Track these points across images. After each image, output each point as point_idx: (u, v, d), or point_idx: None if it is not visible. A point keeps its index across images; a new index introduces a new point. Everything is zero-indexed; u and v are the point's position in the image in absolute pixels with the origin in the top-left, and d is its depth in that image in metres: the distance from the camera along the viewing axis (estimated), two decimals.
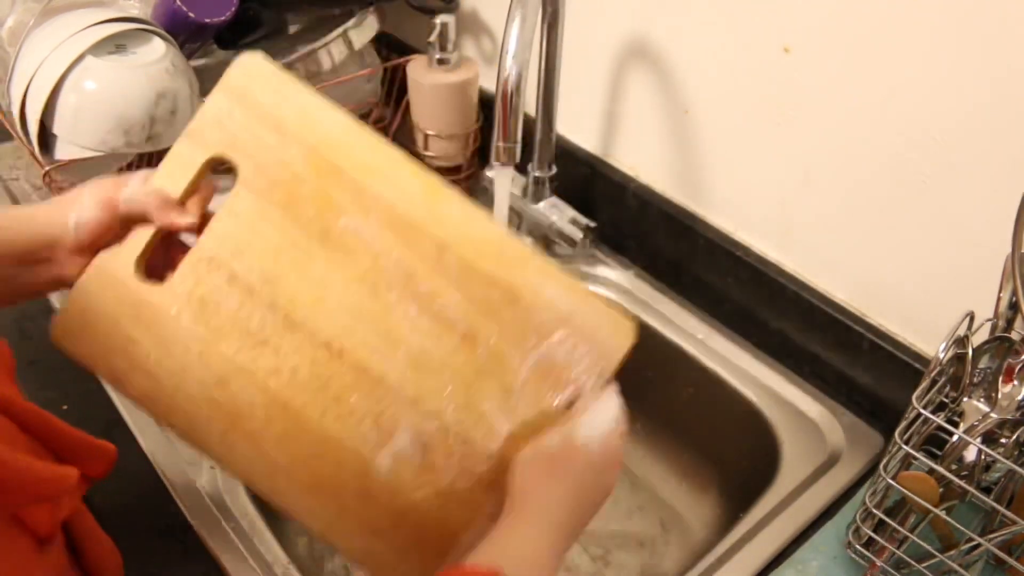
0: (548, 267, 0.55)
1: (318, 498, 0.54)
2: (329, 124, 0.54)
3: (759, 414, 0.78)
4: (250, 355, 0.53)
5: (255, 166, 0.54)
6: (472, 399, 0.53)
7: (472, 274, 0.53)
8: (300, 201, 0.53)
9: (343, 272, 0.53)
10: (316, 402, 0.53)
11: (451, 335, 0.53)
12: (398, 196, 0.53)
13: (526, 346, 0.53)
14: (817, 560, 0.64)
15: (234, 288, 0.53)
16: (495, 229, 0.54)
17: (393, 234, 0.53)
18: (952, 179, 0.63)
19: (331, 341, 0.53)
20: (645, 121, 0.86)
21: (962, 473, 0.57)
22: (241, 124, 0.54)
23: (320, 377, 0.53)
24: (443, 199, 0.54)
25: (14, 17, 0.88)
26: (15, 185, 1.00)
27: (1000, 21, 0.56)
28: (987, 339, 0.58)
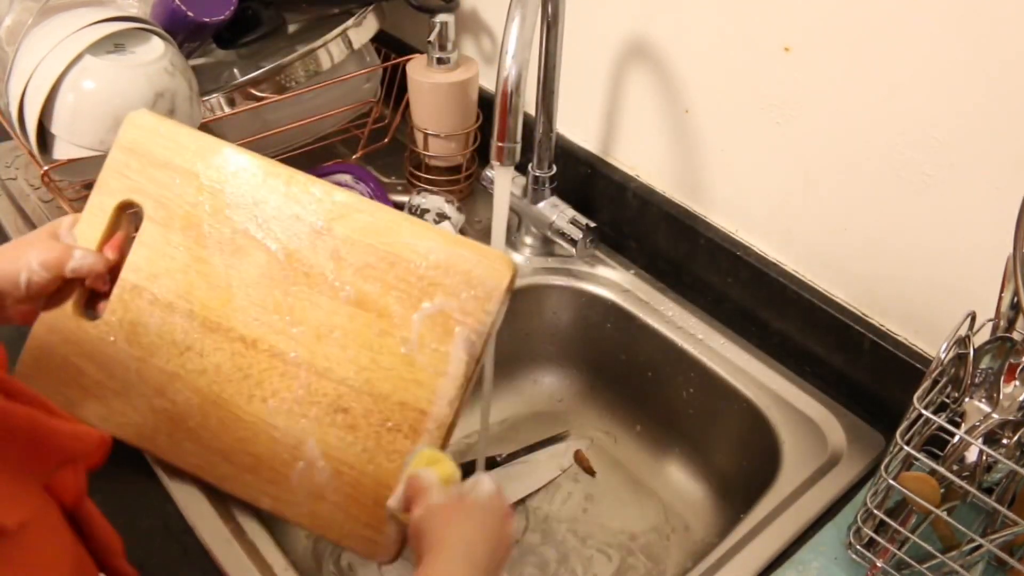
0: (420, 226, 0.60)
1: (259, 476, 0.60)
2: (209, 151, 0.63)
3: (759, 414, 0.78)
4: (179, 362, 0.61)
5: (155, 202, 0.63)
6: (376, 358, 0.59)
7: (353, 248, 0.60)
8: (198, 222, 0.62)
9: (243, 272, 0.61)
10: (241, 390, 0.61)
11: (345, 306, 0.60)
12: (277, 197, 0.61)
13: (414, 300, 0.59)
14: (818, 561, 0.64)
15: (156, 307, 0.62)
16: (366, 204, 0.61)
17: (281, 230, 0.61)
18: (953, 179, 0.63)
19: (244, 334, 0.61)
20: (645, 121, 0.86)
21: (963, 474, 0.57)
22: (137, 171, 0.64)
23: (241, 368, 0.61)
24: (314, 190, 0.61)
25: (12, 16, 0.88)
26: (13, 185, 1.00)
27: (1000, 21, 0.56)
28: (988, 339, 0.58)
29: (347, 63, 0.99)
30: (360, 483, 0.59)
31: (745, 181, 0.79)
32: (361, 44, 0.98)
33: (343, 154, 1.08)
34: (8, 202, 0.98)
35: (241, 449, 0.61)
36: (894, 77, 0.63)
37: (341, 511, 0.60)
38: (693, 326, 0.85)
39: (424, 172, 1.01)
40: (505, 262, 0.59)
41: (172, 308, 0.62)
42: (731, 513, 0.83)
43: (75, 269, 0.62)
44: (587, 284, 0.92)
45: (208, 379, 0.61)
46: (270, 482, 0.60)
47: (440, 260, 0.59)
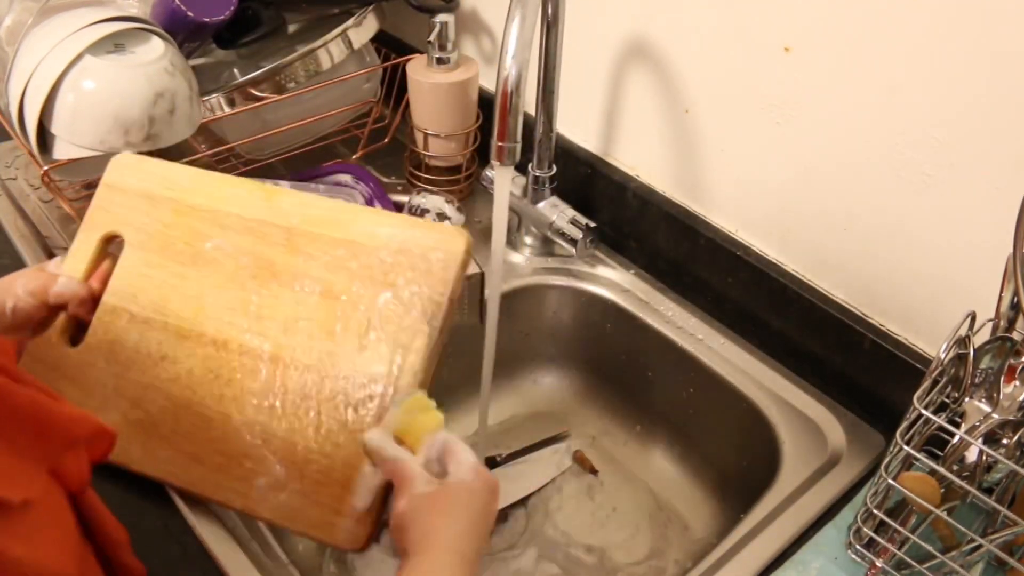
0: (378, 215, 0.64)
1: (229, 474, 0.61)
2: (183, 177, 0.68)
3: (759, 414, 0.78)
4: (154, 372, 0.64)
5: (135, 229, 0.68)
6: (341, 342, 0.61)
7: (317, 243, 0.63)
8: (172, 241, 0.66)
9: (214, 280, 0.65)
10: (212, 391, 0.63)
11: (311, 297, 0.63)
12: (243, 208, 0.66)
13: (377, 284, 0.62)
14: (818, 561, 0.64)
15: (133, 324, 0.65)
16: (326, 203, 0.65)
17: (249, 237, 0.65)
18: (953, 178, 0.63)
19: (215, 337, 0.64)
20: (645, 121, 0.86)
21: (963, 474, 0.57)
22: (120, 204, 0.68)
23: (212, 370, 0.63)
24: (279, 197, 0.66)
25: (12, 16, 0.88)
26: (13, 185, 1.00)
27: (1000, 21, 0.56)
28: (988, 339, 0.58)
29: (347, 63, 0.99)
30: (330, 469, 0.60)
31: (745, 181, 0.79)
32: (361, 44, 0.98)
33: (343, 154, 1.08)
34: (8, 202, 0.98)
35: (213, 449, 0.62)
36: (894, 77, 0.63)
37: (311, 500, 0.60)
38: (693, 326, 0.85)
39: (424, 172, 1.01)
40: (460, 234, 0.62)
41: (149, 323, 0.65)
42: (731, 513, 0.83)
43: (58, 294, 0.64)
44: (587, 284, 0.92)
45: (181, 384, 0.63)
46: (240, 479, 0.61)
47: (401, 244, 0.62)
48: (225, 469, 0.62)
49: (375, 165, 1.07)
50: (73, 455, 0.48)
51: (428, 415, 0.57)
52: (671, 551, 0.83)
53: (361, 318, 0.62)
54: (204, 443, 0.62)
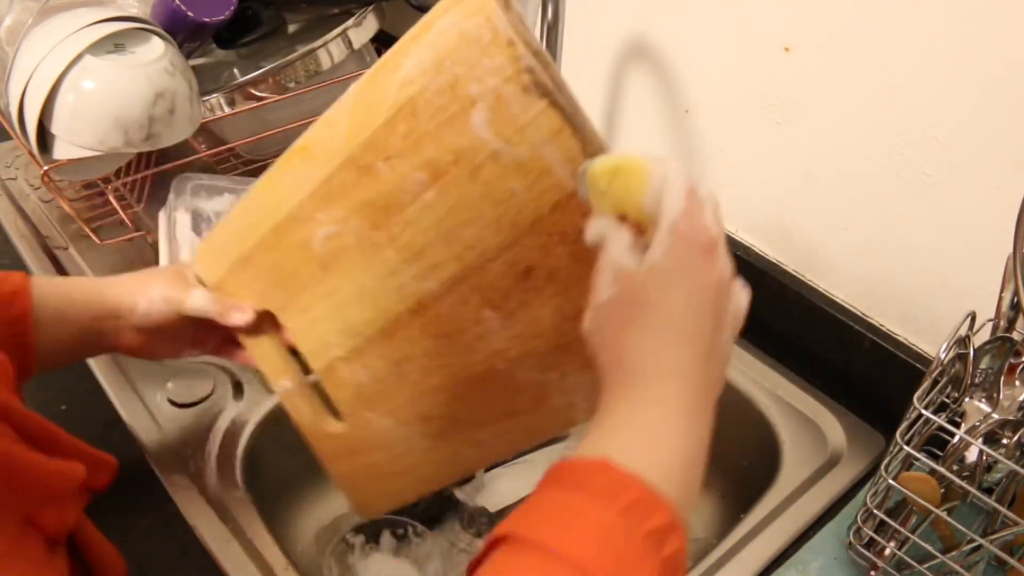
0: (391, 59, 0.53)
1: (542, 406, 0.54)
2: (242, 227, 0.59)
3: (760, 414, 0.78)
4: (409, 384, 0.55)
5: (260, 294, 0.59)
6: (499, 199, 0.48)
7: (378, 141, 0.51)
8: (294, 272, 0.56)
9: (352, 265, 0.54)
10: (461, 354, 0.53)
11: (428, 192, 0.49)
12: (300, 186, 0.55)
13: (463, 118, 0.47)
14: (818, 561, 0.64)
15: (350, 364, 0.56)
16: (344, 105, 0.55)
17: (334, 204, 0.53)
18: (953, 179, 0.63)
19: (409, 308, 0.53)
20: (645, 121, 0.86)
21: (963, 474, 0.57)
22: (234, 289, 0.60)
23: (440, 336, 0.53)
24: (302, 156, 0.56)
25: (12, 16, 0.88)
26: (13, 185, 1.00)
27: (1001, 21, 0.56)
28: (988, 339, 0.58)
29: (347, 63, 0.99)
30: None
31: (745, 181, 0.79)
32: (361, 44, 0.98)
33: None
34: (8, 202, 0.98)
35: (499, 400, 0.54)
36: (894, 77, 0.63)
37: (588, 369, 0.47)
38: None
39: None
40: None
41: (358, 352, 0.55)
42: (731, 513, 0.83)
43: (193, 309, 0.59)
44: None
45: (435, 371, 0.54)
46: (544, 400, 0.53)
47: (432, 61, 0.49)
48: (531, 405, 0.53)
49: None
50: (55, 506, 0.46)
51: (627, 169, 0.41)
52: None
53: (488, 160, 0.47)
54: (500, 399, 0.54)
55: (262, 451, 0.74)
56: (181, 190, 0.84)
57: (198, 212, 0.83)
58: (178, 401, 0.74)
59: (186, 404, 0.74)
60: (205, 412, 0.74)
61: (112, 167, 0.93)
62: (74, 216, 0.89)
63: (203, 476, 0.68)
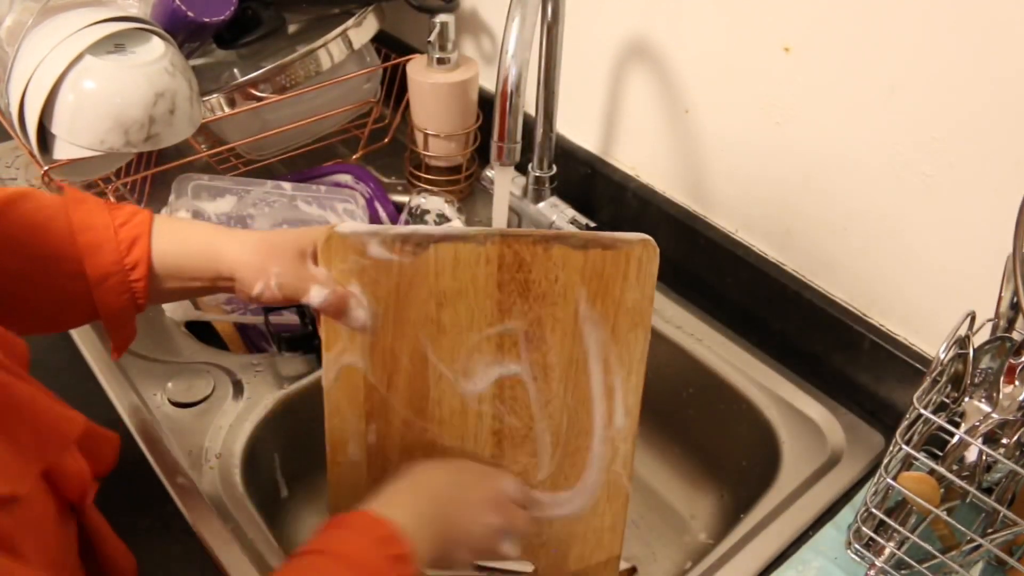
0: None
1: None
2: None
3: (759, 414, 0.78)
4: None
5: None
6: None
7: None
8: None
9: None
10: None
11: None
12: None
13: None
14: (818, 561, 0.64)
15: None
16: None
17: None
18: (952, 179, 0.63)
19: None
20: (645, 121, 0.86)
21: (963, 473, 0.57)
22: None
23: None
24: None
25: (13, 16, 0.88)
26: (13, 185, 1.00)
27: (1001, 20, 0.56)
28: (988, 339, 0.58)
29: (347, 63, 0.99)
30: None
31: (745, 181, 0.79)
32: (361, 44, 0.98)
33: (343, 154, 1.08)
34: None
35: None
36: (893, 77, 0.63)
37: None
38: (693, 326, 0.85)
39: (424, 172, 1.01)
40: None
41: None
42: (731, 513, 0.83)
43: (313, 303, 0.58)
44: None
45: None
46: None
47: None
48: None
49: (375, 165, 1.07)
50: (71, 458, 0.47)
51: None
52: (671, 551, 0.83)
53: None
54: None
55: (262, 451, 0.74)
56: (182, 191, 0.84)
57: (199, 213, 0.83)
58: (178, 401, 0.74)
59: (186, 404, 0.74)
60: (205, 412, 0.74)
61: (112, 167, 0.93)
62: None
63: (203, 476, 0.68)
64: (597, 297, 0.58)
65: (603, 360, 0.60)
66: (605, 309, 0.59)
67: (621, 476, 0.64)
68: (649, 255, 0.58)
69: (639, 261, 0.58)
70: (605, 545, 0.67)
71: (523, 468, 0.64)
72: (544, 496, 0.65)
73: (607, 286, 0.58)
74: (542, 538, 0.66)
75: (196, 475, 0.68)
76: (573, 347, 0.60)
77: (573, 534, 0.66)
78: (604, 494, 0.65)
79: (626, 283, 0.58)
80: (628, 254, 0.57)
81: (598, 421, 0.62)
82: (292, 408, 0.76)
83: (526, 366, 0.61)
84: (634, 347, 0.60)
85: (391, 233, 0.57)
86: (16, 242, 0.53)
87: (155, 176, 0.95)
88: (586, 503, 0.65)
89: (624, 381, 0.61)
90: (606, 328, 0.59)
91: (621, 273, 0.58)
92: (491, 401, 0.61)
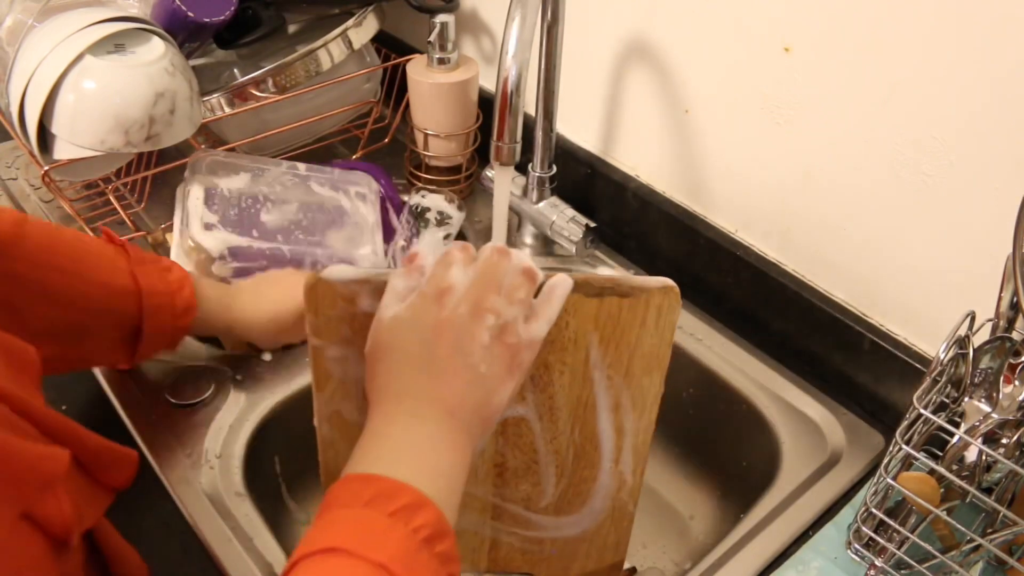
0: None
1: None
2: None
3: (759, 414, 0.78)
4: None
5: None
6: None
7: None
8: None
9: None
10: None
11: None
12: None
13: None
14: (818, 561, 0.64)
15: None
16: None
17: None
18: (952, 178, 0.63)
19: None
20: (645, 121, 0.86)
21: (963, 473, 0.57)
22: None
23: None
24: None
25: (13, 16, 0.88)
26: (13, 185, 1.00)
27: (1001, 20, 0.56)
28: (988, 339, 0.58)
29: (347, 63, 0.99)
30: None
31: (745, 181, 0.79)
32: (361, 44, 0.98)
33: (343, 154, 1.08)
34: (8, 202, 0.98)
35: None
36: (894, 77, 0.63)
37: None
38: (693, 326, 0.85)
39: (424, 172, 1.01)
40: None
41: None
42: (731, 513, 0.83)
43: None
44: None
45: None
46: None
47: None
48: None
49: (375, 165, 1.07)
50: (52, 498, 0.44)
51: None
52: (670, 551, 0.83)
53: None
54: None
55: (262, 451, 0.74)
56: (197, 168, 0.83)
57: (212, 186, 0.81)
58: (178, 401, 0.74)
59: (186, 404, 0.74)
60: (205, 412, 0.74)
61: (112, 167, 0.93)
62: (75, 216, 0.90)
63: (203, 476, 0.68)
64: (611, 343, 0.53)
65: (614, 402, 0.57)
66: (619, 354, 0.54)
67: (627, 504, 0.62)
68: (671, 303, 0.52)
69: (659, 309, 0.52)
70: (608, 560, 0.66)
71: (526, 496, 0.62)
72: (547, 520, 0.63)
73: (622, 332, 0.53)
74: (544, 553, 0.66)
75: (196, 475, 0.68)
76: (582, 390, 0.56)
77: (576, 552, 0.66)
78: (608, 517, 0.63)
79: (643, 330, 0.53)
80: (648, 302, 0.52)
81: (606, 456, 0.59)
82: (292, 408, 0.76)
83: (531, 408, 0.57)
84: (648, 390, 0.56)
85: (382, 280, 0.50)
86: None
87: (155, 176, 0.95)
88: (588, 526, 0.63)
89: (635, 421, 0.58)
90: (619, 372, 0.55)
91: (639, 320, 0.52)
92: (493, 438, 0.58)
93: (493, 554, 0.66)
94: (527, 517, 0.63)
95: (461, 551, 0.59)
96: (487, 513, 0.63)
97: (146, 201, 0.97)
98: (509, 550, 0.66)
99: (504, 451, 0.59)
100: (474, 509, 0.62)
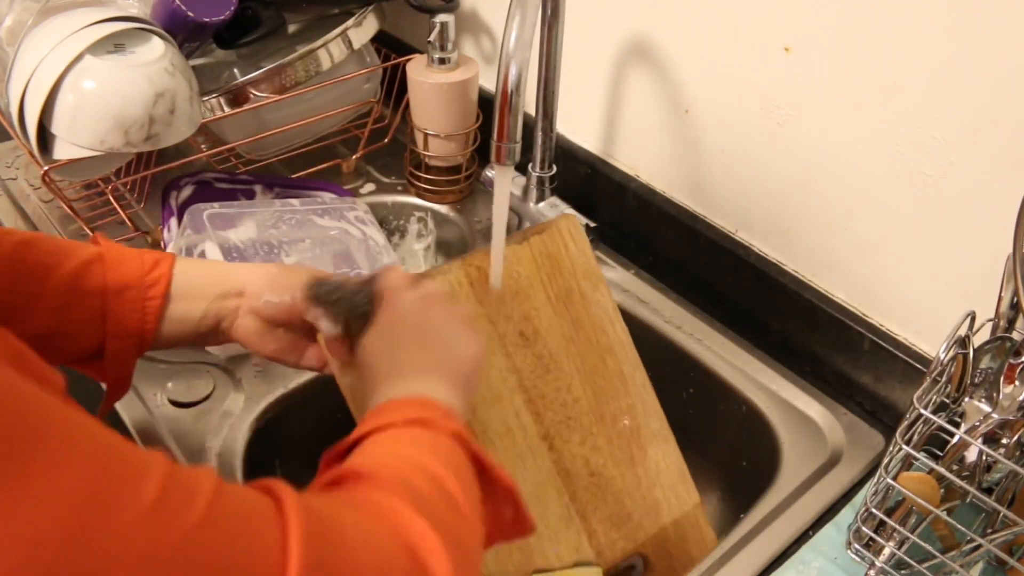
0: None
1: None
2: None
3: (759, 414, 0.78)
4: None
5: None
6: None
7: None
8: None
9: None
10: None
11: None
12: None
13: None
14: (818, 561, 0.64)
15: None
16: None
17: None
18: (952, 178, 0.63)
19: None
20: (645, 121, 0.86)
21: (963, 473, 0.57)
22: None
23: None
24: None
25: (12, 16, 0.88)
26: (13, 185, 1.00)
27: (1000, 20, 0.56)
28: (988, 339, 0.58)
29: (347, 63, 0.99)
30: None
31: (745, 181, 0.79)
32: (361, 44, 0.98)
33: (343, 154, 1.08)
34: (8, 202, 0.98)
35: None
36: (893, 77, 0.63)
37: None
38: (693, 326, 0.85)
39: (424, 172, 1.01)
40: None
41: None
42: (731, 513, 0.83)
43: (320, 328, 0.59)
44: None
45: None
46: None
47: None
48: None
49: (375, 165, 1.07)
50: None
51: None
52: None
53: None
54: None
55: (262, 451, 0.74)
56: (199, 225, 0.80)
57: (224, 242, 0.79)
58: (178, 401, 0.74)
59: (186, 404, 0.74)
60: (205, 412, 0.74)
61: (112, 167, 0.93)
62: (74, 216, 0.90)
63: None
64: (555, 274, 0.67)
65: (588, 322, 0.68)
66: (566, 280, 0.68)
67: (662, 430, 0.71)
68: (574, 225, 0.69)
69: (569, 232, 0.68)
70: (685, 499, 0.72)
71: (584, 458, 0.67)
72: (613, 474, 0.68)
73: (557, 261, 0.68)
74: (634, 519, 0.69)
75: None
76: (562, 325, 0.67)
77: (655, 500, 0.70)
78: (659, 451, 0.71)
79: (569, 252, 0.68)
80: (558, 228, 0.68)
81: (617, 378, 0.69)
82: (292, 408, 0.76)
83: (537, 362, 0.66)
84: (605, 302, 0.69)
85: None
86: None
87: (155, 176, 0.95)
88: (649, 467, 0.70)
89: (615, 332, 0.70)
90: (576, 295, 0.68)
91: (562, 246, 0.68)
92: (527, 410, 0.65)
93: (595, 545, 0.67)
94: (595, 483, 0.68)
95: (567, 554, 0.66)
96: (563, 496, 0.66)
97: (145, 201, 0.97)
98: (605, 529, 0.68)
99: (541, 413, 0.66)
100: (550, 497, 0.66)
